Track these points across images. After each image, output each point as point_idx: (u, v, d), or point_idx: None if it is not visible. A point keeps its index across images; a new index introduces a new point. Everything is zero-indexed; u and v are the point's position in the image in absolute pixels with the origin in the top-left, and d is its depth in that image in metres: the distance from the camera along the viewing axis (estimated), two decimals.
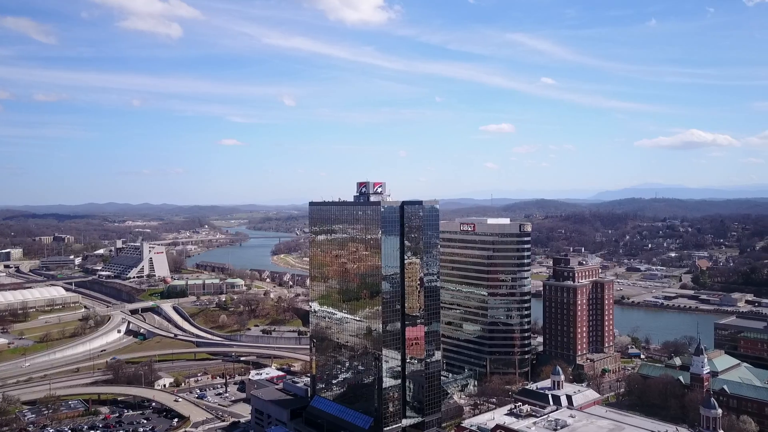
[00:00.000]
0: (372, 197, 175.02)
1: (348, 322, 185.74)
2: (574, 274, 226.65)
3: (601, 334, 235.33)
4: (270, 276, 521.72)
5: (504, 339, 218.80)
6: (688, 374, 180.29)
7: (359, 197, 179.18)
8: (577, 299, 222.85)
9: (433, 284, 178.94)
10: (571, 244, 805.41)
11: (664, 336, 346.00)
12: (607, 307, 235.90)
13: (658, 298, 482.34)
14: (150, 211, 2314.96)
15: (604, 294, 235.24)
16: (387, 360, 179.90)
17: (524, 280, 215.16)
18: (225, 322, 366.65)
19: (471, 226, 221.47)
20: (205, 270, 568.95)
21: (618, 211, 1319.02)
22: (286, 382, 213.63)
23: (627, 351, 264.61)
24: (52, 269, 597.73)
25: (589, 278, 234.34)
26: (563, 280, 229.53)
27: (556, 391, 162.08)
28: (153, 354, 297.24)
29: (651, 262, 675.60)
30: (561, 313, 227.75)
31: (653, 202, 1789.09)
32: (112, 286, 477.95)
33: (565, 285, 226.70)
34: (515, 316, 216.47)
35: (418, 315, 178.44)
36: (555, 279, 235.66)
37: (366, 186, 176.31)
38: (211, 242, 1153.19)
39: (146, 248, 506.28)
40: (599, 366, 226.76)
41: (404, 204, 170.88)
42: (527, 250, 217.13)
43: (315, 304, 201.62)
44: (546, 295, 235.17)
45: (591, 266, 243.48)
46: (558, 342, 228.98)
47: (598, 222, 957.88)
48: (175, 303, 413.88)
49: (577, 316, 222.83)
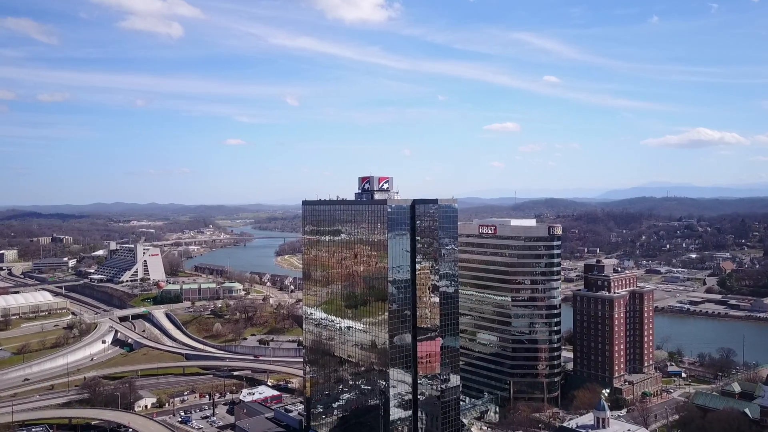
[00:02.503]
0: (377, 195, 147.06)
1: (348, 331, 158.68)
2: (609, 283, 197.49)
3: (639, 351, 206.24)
4: (270, 279, 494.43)
5: (530, 358, 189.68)
6: (757, 407, 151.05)
7: (361, 195, 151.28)
8: (614, 312, 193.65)
9: (450, 290, 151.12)
10: (586, 244, 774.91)
11: (698, 347, 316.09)
12: (646, 320, 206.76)
13: (683, 303, 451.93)
14: (156, 211, 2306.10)
15: (643, 305, 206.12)
16: (395, 384, 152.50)
17: (553, 291, 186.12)
18: (219, 331, 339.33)
19: (491, 228, 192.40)
20: (203, 273, 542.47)
21: (631, 210, 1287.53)
22: (278, 411, 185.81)
23: (666, 369, 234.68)
24: (45, 272, 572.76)
25: (627, 287, 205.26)
26: (597, 290, 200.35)
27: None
28: (137, 369, 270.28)
29: (671, 263, 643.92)
30: (595, 328, 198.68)
31: (665, 200, 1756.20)
32: (103, 291, 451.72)
33: (600, 296, 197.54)
34: (543, 331, 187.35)
35: (432, 327, 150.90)
36: (587, 288, 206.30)
37: (369, 181, 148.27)
38: (215, 242, 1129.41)
39: (140, 250, 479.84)
40: (639, 389, 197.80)
41: (416, 203, 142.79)
42: (557, 256, 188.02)
43: (309, 308, 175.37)
44: (577, 307, 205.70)
45: (628, 274, 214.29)
46: (591, 361, 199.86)
47: (612, 222, 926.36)
48: (168, 309, 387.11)
49: (614, 332, 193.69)
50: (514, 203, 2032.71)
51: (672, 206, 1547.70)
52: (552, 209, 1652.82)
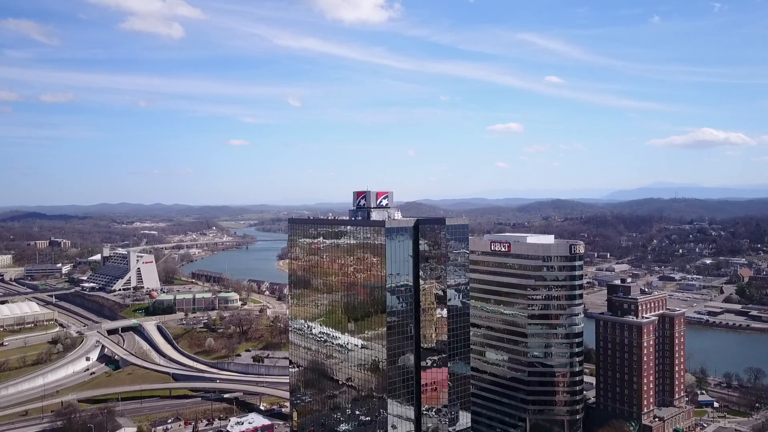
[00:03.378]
0: (374, 213, 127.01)
1: (338, 347, 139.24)
2: (636, 307, 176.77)
3: (670, 382, 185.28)
4: (269, 288, 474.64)
5: (549, 393, 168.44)
6: None
7: (356, 212, 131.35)
8: (642, 340, 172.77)
9: (460, 304, 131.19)
10: (596, 249, 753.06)
11: (722, 364, 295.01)
12: (677, 347, 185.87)
13: (701, 313, 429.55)
14: (161, 212, 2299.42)
15: (674, 331, 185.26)
16: (395, 425, 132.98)
17: (576, 318, 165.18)
18: (212, 347, 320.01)
19: (505, 245, 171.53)
20: (199, 280, 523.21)
21: (640, 212, 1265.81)
22: None
23: (696, 398, 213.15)
24: (37, 278, 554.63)
25: (656, 311, 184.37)
26: (623, 314, 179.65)
27: None
28: (119, 391, 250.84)
29: (685, 269, 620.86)
30: (621, 357, 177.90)
31: (673, 202, 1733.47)
32: (94, 300, 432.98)
33: (626, 321, 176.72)
34: (564, 363, 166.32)
35: (438, 348, 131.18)
36: (611, 312, 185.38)
37: (366, 197, 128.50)
38: (217, 245, 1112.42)
39: (133, 258, 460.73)
40: (670, 425, 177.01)
41: (419, 223, 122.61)
42: (579, 278, 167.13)
43: (296, 320, 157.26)
44: (600, 333, 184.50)
45: (657, 296, 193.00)
46: (616, 394, 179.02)
47: (621, 225, 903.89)
48: (160, 321, 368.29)
49: (643, 362, 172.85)
50: (519, 204, 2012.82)
51: (680, 208, 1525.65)
52: (559, 211, 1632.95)
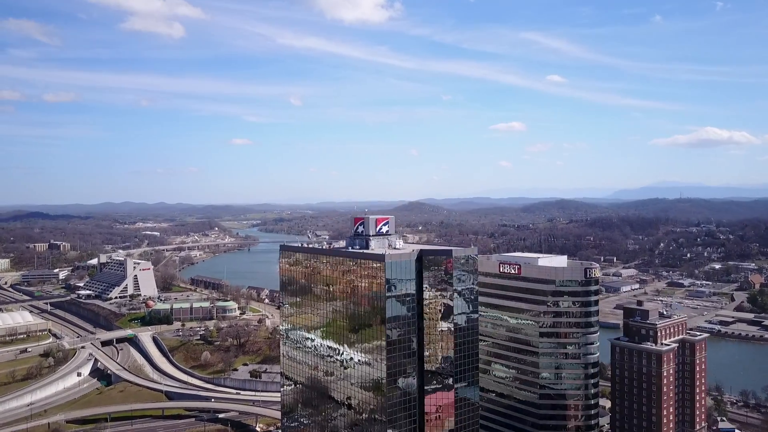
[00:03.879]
0: (373, 241, 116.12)
1: (333, 360, 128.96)
2: (656, 332, 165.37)
3: (690, 412, 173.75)
4: (269, 296, 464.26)
5: (561, 419, 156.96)
6: None
7: (354, 239, 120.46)
8: (662, 369, 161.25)
9: (468, 320, 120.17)
10: (602, 253, 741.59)
11: (738, 380, 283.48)
12: (698, 375, 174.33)
13: (712, 323, 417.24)
14: (164, 211, 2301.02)
15: (694, 358, 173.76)
16: None
17: (590, 346, 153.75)
18: (208, 360, 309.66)
19: (515, 267, 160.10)
20: (198, 286, 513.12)
21: (646, 214, 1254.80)
22: None
23: (717, 426, 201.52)
24: (34, 284, 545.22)
25: (675, 335, 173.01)
26: (640, 339, 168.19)
27: None
28: (109, 411, 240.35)
29: (693, 275, 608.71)
30: (638, 387, 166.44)
31: (678, 202, 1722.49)
32: (90, 309, 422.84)
33: (645, 349, 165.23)
34: (578, 395, 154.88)
35: (444, 369, 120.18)
36: (627, 337, 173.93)
37: (364, 223, 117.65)
38: (218, 247, 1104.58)
39: (130, 265, 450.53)
40: None
41: (423, 254, 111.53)
42: (595, 303, 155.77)
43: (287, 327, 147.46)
44: (617, 361, 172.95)
45: (677, 320, 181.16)
46: (633, 425, 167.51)
47: (627, 227, 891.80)
48: (156, 332, 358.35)
49: (662, 392, 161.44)
50: (523, 204, 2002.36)
51: (686, 208, 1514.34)
52: (563, 211, 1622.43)
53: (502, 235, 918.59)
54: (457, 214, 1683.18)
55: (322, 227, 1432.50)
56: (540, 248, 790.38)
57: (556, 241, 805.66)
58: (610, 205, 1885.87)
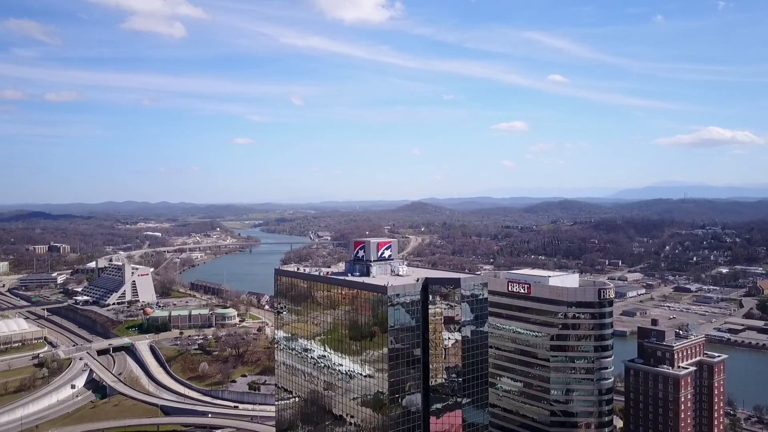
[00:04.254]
0: (374, 267, 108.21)
1: (332, 372, 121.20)
2: (672, 354, 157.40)
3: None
4: (269, 302, 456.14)
5: None
6: None
7: (354, 264, 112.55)
8: (679, 394, 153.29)
9: (477, 334, 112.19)
10: (607, 256, 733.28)
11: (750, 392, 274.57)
12: (717, 399, 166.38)
13: (721, 330, 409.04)
14: (167, 211, 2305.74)
15: (713, 381, 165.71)
16: None
17: (605, 372, 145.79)
18: (206, 371, 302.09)
19: (524, 287, 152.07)
20: (198, 291, 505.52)
21: (650, 215, 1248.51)
22: None
23: None
24: (32, 289, 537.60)
25: (692, 357, 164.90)
26: (656, 362, 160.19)
27: None
28: (102, 428, 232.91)
29: (700, 279, 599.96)
30: (654, 413, 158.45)
31: (682, 203, 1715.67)
32: (87, 315, 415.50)
33: (661, 372, 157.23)
34: (592, 420, 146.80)
35: (450, 387, 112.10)
36: (642, 359, 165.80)
37: (365, 248, 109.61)
38: (220, 248, 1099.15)
39: (128, 270, 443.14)
40: None
41: (429, 283, 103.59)
42: (609, 326, 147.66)
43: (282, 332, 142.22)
44: (631, 384, 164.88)
45: (695, 341, 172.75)
46: None
47: (632, 229, 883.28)
48: (154, 340, 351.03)
49: (680, 418, 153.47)
50: (526, 204, 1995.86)
51: (690, 209, 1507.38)
52: (566, 212, 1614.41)
53: (505, 237, 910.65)
54: (459, 214, 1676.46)
55: (324, 228, 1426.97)
56: (544, 251, 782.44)
57: (560, 244, 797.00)
58: (614, 206, 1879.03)
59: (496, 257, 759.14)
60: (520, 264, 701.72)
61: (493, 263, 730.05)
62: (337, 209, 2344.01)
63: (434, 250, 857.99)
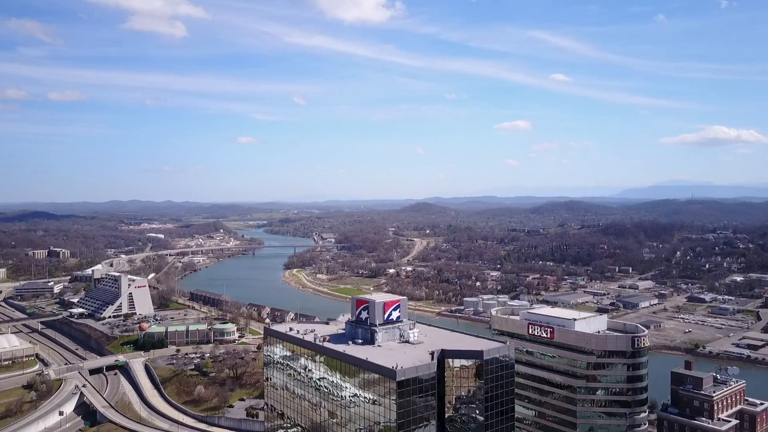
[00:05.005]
0: (380, 333, 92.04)
1: (330, 396, 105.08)
2: (711, 405, 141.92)
3: None
4: (270, 314, 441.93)
5: None
6: None
7: (355, 327, 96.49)
8: None
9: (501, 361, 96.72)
10: (617, 262, 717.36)
11: None
12: None
13: (740, 346, 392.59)
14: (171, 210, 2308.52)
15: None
16: None
17: (638, 429, 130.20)
18: (202, 395, 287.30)
19: (547, 330, 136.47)
20: (197, 302, 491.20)
21: (658, 217, 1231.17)
22: None
23: None
24: (27, 299, 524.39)
25: (733, 407, 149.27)
26: (693, 413, 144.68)
27: None
28: None
29: (714, 288, 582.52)
30: None
31: (689, 204, 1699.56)
32: (81, 330, 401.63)
33: (700, 426, 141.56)
34: None
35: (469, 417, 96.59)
36: (678, 408, 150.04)
37: (369, 309, 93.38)
38: (222, 251, 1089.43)
39: (124, 282, 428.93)
40: None
41: (445, 355, 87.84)
42: (644, 378, 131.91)
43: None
44: None
45: (735, 387, 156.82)
46: None
47: (641, 233, 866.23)
48: (149, 358, 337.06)
49: None
50: (532, 205, 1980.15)
51: (698, 210, 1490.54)
52: (572, 213, 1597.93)
53: (512, 241, 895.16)
54: (464, 215, 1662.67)
55: (328, 229, 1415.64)
56: (552, 256, 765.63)
57: (568, 249, 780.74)
58: (620, 206, 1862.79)
59: (503, 263, 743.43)
60: (528, 270, 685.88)
61: (500, 269, 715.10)
62: (342, 209, 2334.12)
63: (440, 255, 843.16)
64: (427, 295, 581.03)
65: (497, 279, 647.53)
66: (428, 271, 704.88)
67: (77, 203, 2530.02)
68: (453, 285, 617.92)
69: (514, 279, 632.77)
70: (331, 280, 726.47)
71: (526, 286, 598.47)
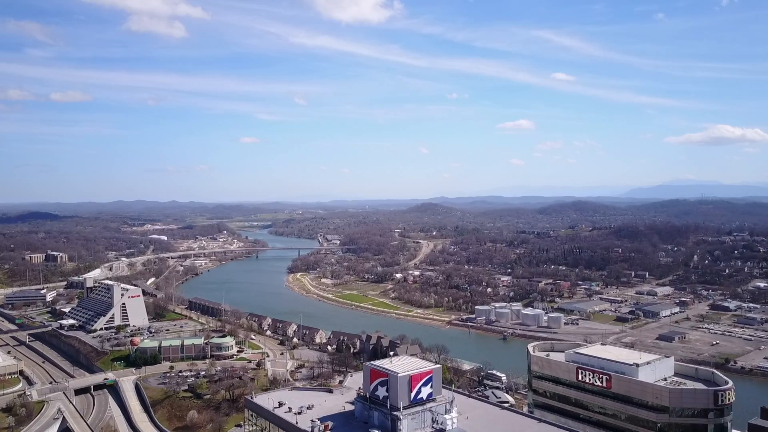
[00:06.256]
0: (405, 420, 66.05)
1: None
2: None
3: None
4: (271, 326, 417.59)
5: None
6: None
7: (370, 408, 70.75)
8: None
9: None
10: (633, 267, 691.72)
11: None
12: None
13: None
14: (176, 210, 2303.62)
15: None
16: None
17: None
18: (195, 421, 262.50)
19: (602, 378, 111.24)
20: (195, 311, 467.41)
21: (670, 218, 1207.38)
22: None
23: None
24: (18, 307, 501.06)
25: None
26: None
27: None
28: None
29: (737, 295, 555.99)
30: None
31: (699, 204, 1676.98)
32: (70, 343, 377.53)
33: None
34: None
35: None
36: None
37: (388, 385, 66.78)
38: (225, 254, 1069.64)
39: (117, 292, 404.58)
40: None
41: None
42: None
43: None
44: None
45: None
46: None
47: (655, 236, 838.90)
48: (140, 377, 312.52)
49: None
50: (538, 205, 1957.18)
51: (708, 210, 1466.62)
52: (580, 213, 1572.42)
53: (521, 244, 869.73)
54: (470, 215, 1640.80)
55: (333, 230, 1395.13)
56: (565, 260, 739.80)
57: (581, 253, 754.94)
58: (628, 207, 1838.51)
59: (514, 267, 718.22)
60: (540, 275, 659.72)
61: (511, 273, 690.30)
62: (347, 209, 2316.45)
63: (447, 258, 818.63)
64: (437, 302, 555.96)
65: (509, 285, 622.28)
66: (436, 276, 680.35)
67: (83, 203, 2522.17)
68: (463, 291, 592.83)
69: (526, 285, 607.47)
70: (336, 285, 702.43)
71: (540, 292, 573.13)
